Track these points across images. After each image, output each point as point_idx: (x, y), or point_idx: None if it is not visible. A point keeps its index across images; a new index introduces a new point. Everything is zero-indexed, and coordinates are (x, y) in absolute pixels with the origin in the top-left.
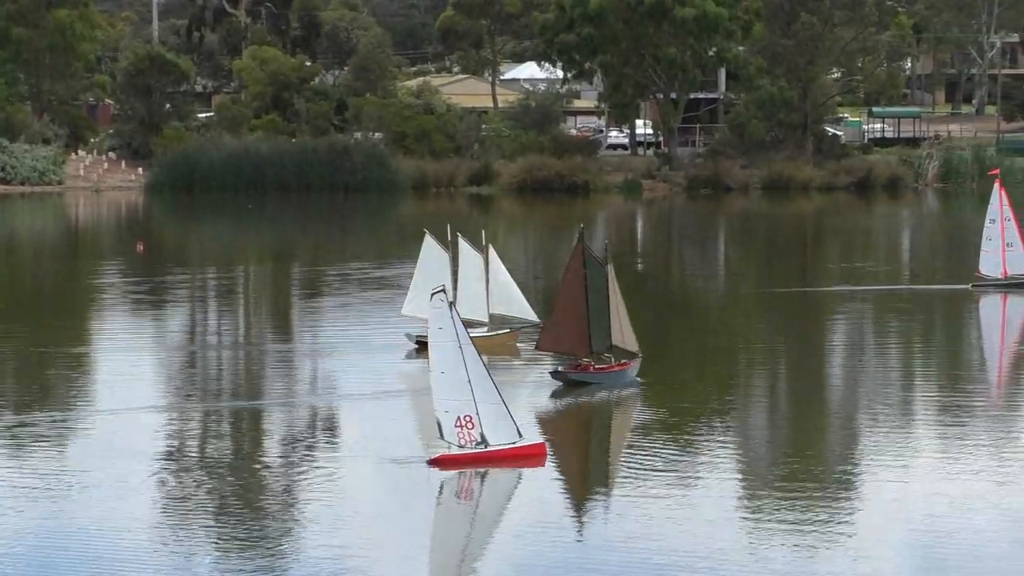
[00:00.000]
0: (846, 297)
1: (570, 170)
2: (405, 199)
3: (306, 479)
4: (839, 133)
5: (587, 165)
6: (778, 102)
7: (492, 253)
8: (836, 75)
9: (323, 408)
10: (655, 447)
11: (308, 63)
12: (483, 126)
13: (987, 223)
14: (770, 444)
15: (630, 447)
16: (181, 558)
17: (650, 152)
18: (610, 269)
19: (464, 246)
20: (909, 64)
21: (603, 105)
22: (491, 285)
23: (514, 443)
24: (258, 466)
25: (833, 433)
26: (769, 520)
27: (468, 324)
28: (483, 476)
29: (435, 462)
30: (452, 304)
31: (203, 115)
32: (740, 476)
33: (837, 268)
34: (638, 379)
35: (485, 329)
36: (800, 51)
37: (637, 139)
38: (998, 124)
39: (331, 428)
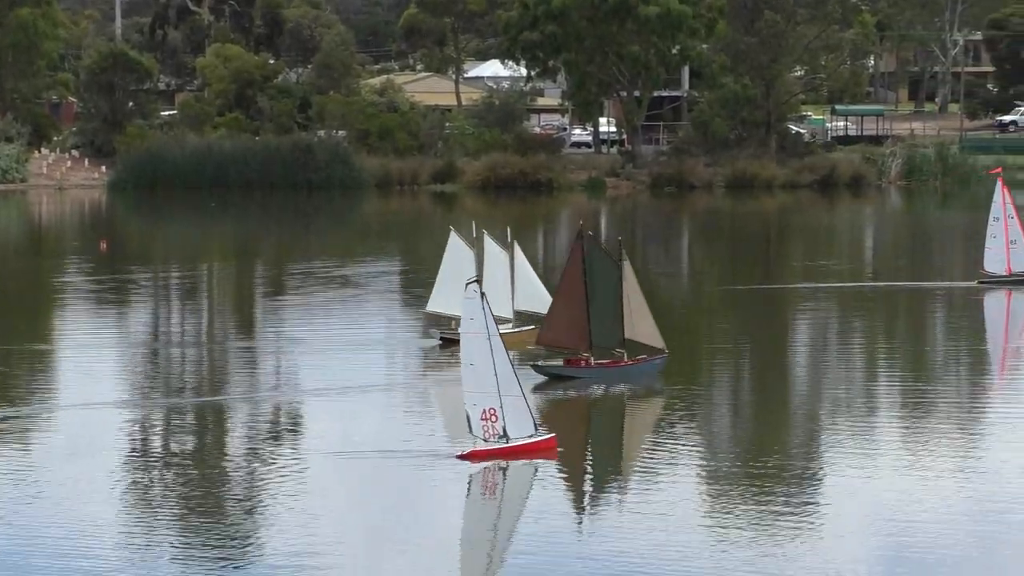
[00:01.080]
0: (828, 295)
1: (534, 168)
2: (369, 197)
3: (270, 475)
4: (803, 131)
5: (551, 163)
6: (741, 100)
7: (517, 250)
8: (799, 73)
9: (286, 404)
10: (630, 445)
11: (271, 61)
12: (447, 124)
13: (991, 220)
14: (746, 441)
15: (599, 446)
16: (145, 554)
17: (614, 150)
18: (626, 266)
19: (489, 243)
20: (872, 62)
21: (567, 103)
22: (516, 282)
23: (531, 437)
24: (223, 461)
25: (809, 430)
26: (740, 517)
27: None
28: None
29: (465, 457)
30: (484, 295)
31: (166, 113)
32: (706, 471)
33: (801, 266)
34: (660, 374)
35: (510, 325)
36: (763, 49)
37: (601, 137)
38: (961, 122)
39: (295, 424)
